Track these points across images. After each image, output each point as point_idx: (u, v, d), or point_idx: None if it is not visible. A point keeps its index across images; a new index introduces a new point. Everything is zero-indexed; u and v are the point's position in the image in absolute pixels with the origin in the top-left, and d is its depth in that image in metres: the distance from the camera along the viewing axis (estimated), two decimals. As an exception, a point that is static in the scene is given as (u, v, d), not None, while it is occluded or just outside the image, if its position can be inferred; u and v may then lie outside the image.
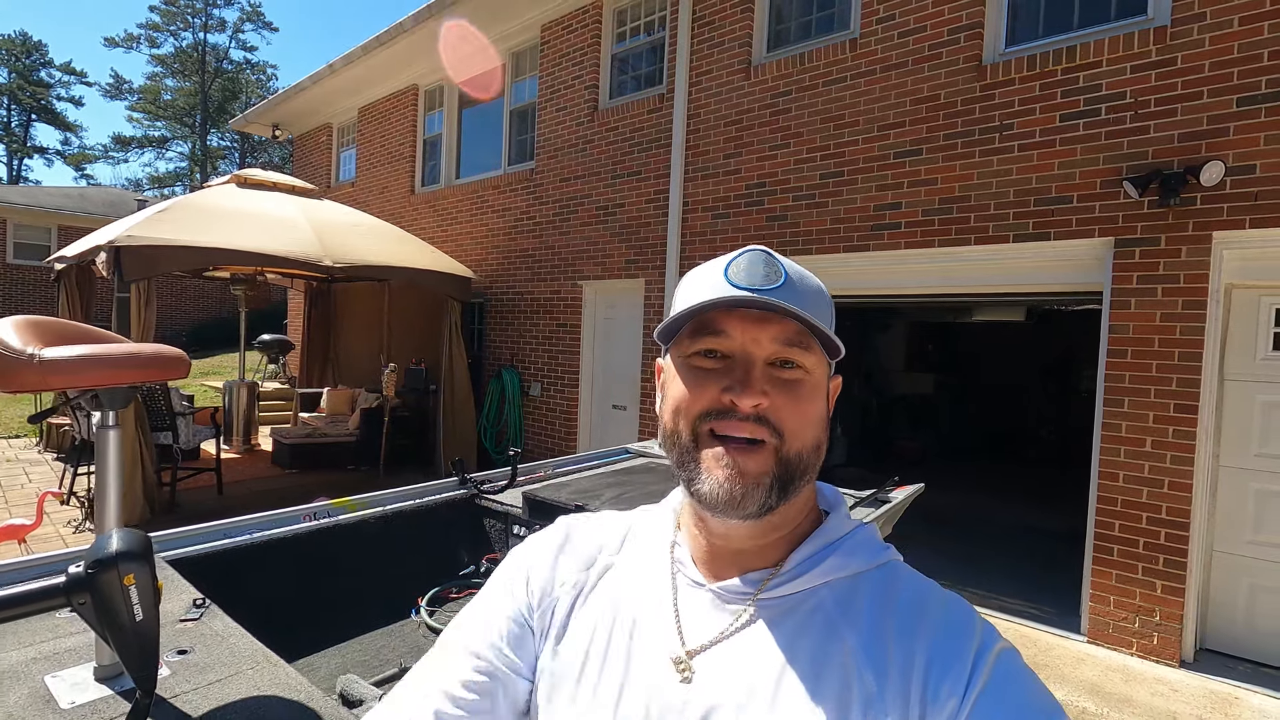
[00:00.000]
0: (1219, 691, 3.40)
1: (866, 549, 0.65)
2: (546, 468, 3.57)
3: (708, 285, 0.62)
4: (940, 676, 0.54)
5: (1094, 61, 3.92)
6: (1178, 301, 3.68)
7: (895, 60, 4.72)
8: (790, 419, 0.59)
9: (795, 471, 0.60)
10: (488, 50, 7.86)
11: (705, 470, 0.60)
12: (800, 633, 0.59)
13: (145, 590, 0.99)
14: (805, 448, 0.61)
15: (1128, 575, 3.81)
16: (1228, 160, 3.49)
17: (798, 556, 0.63)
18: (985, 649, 0.56)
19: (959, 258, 4.51)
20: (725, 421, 0.59)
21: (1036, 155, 4.12)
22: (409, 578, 2.74)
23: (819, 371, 0.63)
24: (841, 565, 0.63)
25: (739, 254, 0.63)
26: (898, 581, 0.63)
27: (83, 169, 36.97)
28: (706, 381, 0.61)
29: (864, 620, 0.59)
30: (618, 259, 6.56)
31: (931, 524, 5.90)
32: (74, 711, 1.30)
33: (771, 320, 0.60)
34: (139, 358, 1.35)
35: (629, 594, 0.67)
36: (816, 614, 0.60)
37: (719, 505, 0.59)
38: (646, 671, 0.61)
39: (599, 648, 0.65)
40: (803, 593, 0.62)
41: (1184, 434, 3.66)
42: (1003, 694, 0.53)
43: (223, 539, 2.33)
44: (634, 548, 0.72)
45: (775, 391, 0.59)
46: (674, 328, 0.64)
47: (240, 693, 1.39)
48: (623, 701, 0.60)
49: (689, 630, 0.62)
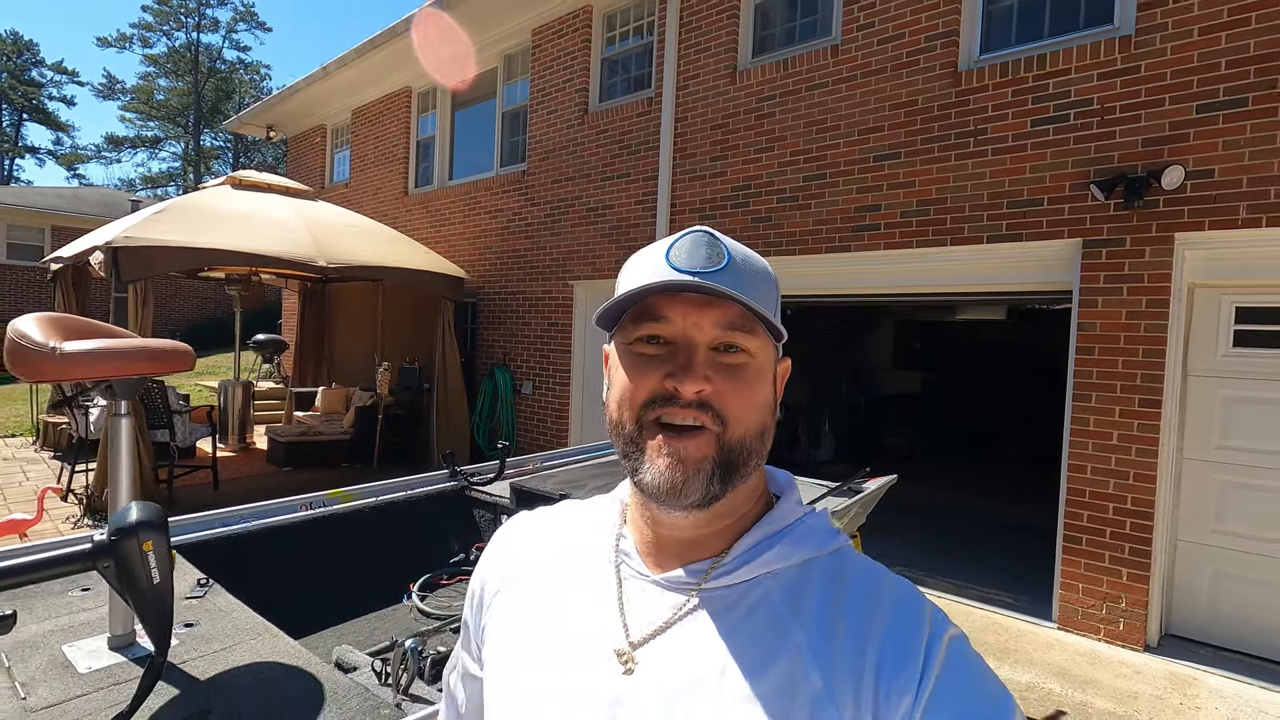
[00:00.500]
0: (1179, 674, 3.55)
1: (815, 536, 0.63)
2: (535, 461, 3.69)
3: (649, 269, 0.61)
4: (893, 674, 0.53)
5: (1063, 69, 4.06)
6: (1142, 300, 3.83)
7: (875, 66, 4.86)
8: (733, 405, 0.58)
9: (738, 458, 0.59)
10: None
11: (648, 460, 0.59)
12: (744, 623, 0.58)
13: (161, 556, 1.12)
14: (749, 433, 0.59)
15: (1096, 564, 3.96)
16: (1188, 165, 3.64)
17: (741, 545, 0.62)
18: (935, 639, 0.55)
19: (936, 258, 4.65)
20: (668, 408, 0.58)
21: (1009, 159, 4.27)
22: (401, 565, 2.86)
23: (764, 355, 0.61)
24: (788, 554, 0.61)
25: (681, 235, 0.61)
26: (846, 571, 0.61)
27: (75, 169, 36.92)
28: (648, 369, 0.60)
29: (812, 614, 0.58)
30: (608, 259, 6.69)
31: (914, 518, 6.05)
32: (91, 676, 1.42)
33: (713, 304, 0.59)
34: (149, 351, 1.47)
35: (572, 587, 0.67)
36: (762, 605, 0.59)
37: (662, 495, 0.58)
38: (589, 664, 0.60)
39: (538, 642, 0.64)
40: (747, 583, 0.61)
41: (1148, 428, 3.81)
42: (954, 687, 0.53)
43: (222, 526, 2.44)
44: (579, 540, 0.71)
45: (718, 377, 0.58)
46: (616, 313, 0.63)
47: (244, 660, 1.52)
48: (565, 695, 0.60)
49: (632, 622, 0.61)
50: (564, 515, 0.76)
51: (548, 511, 0.77)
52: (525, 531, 0.75)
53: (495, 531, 0.78)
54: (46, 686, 1.36)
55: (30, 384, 4.74)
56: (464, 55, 8.11)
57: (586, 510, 0.75)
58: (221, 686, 1.39)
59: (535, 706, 0.61)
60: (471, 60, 8.15)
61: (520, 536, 0.75)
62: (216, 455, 6.35)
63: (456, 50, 8.06)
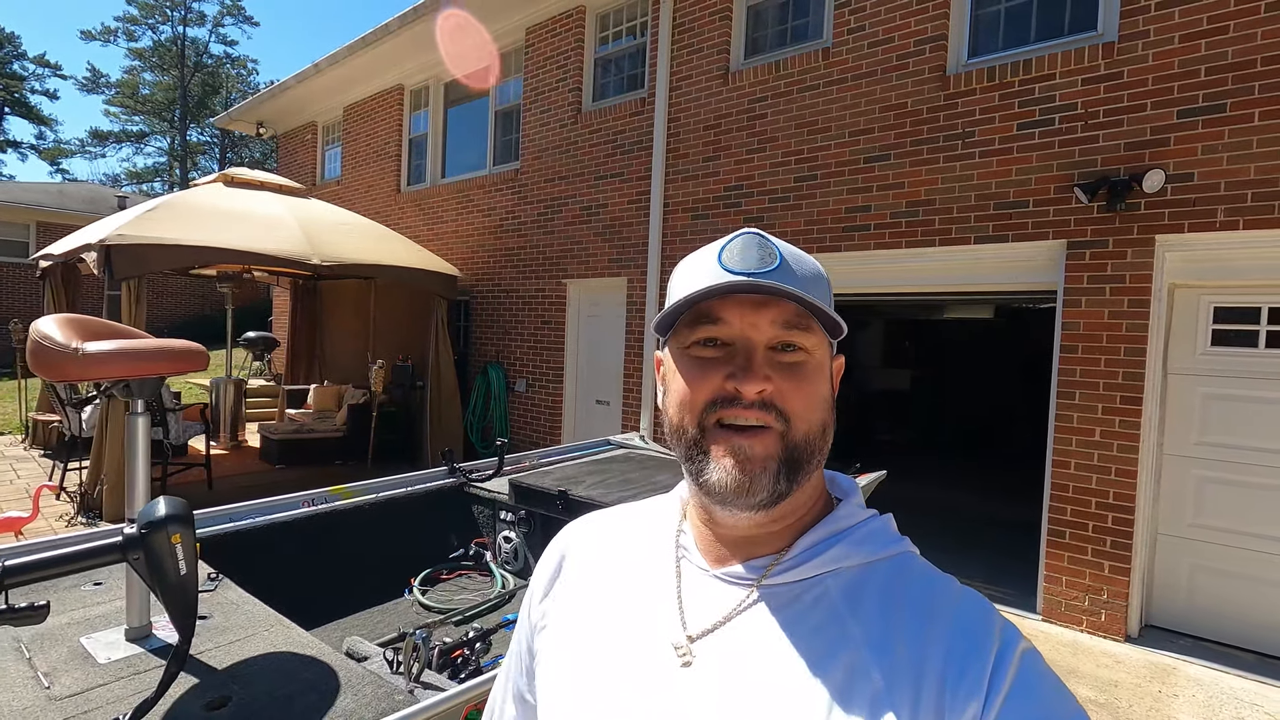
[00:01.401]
0: (1159, 663, 3.66)
1: (877, 539, 0.63)
2: (531, 458, 3.75)
3: (703, 272, 0.61)
4: (958, 679, 0.52)
5: (1048, 74, 4.16)
6: (1124, 300, 3.93)
7: (866, 69, 4.94)
8: (795, 402, 0.58)
9: (803, 456, 0.59)
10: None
11: (713, 461, 0.59)
12: (803, 620, 0.58)
13: (188, 548, 1.17)
14: (812, 430, 0.59)
15: (1078, 557, 4.06)
16: (1169, 169, 3.74)
17: (804, 542, 0.61)
18: (1007, 650, 0.53)
19: (925, 258, 4.74)
20: (730, 409, 0.58)
21: (996, 161, 4.36)
22: (402, 560, 2.91)
23: (820, 352, 0.61)
24: (849, 554, 0.61)
25: (732, 237, 0.62)
26: (910, 574, 0.61)
27: (59, 164, 36.41)
28: (708, 371, 0.60)
29: (872, 613, 0.57)
30: (601, 258, 6.74)
31: (902, 512, 6.13)
32: (110, 666, 1.47)
33: (769, 304, 0.59)
34: (167, 351, 1.52)
35: (631, 583, 0.67)
36: (821, 602, 0.59)
37: (728, 496, 0.58)
38: (648, 656, 0.61)
39: (597, 639, 0.65)
40: (808, 580, 0.60)
41: (1130, 424, 3.91)
42: (1028, 701, 0.51)
43: (228, 522, 2.48)
44: (638, 538, 0.71)
45: (778, 376, 0.58)
46: (671, 318, 0.63)
47: (258, 650, 1.57)
48: (623, 688, 0.60)
49: (691, 616, 0.61)
50: (622, 516, 0.76)
51: (604, 513, 0.77)
52: (581, 539, 0.75)
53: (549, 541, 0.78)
54: (69, 676, 1.41)
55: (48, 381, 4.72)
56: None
57: (645, 509, 0.75)
58: (239, 675, 1.44)
59: (593, 700, 0.61)
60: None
61: (577, 545, 0.74)
62: (210, 453, 6.35)
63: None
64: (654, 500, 0.76)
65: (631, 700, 0.59)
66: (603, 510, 0.78)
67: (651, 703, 0.58)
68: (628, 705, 0.59)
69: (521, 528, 2.97)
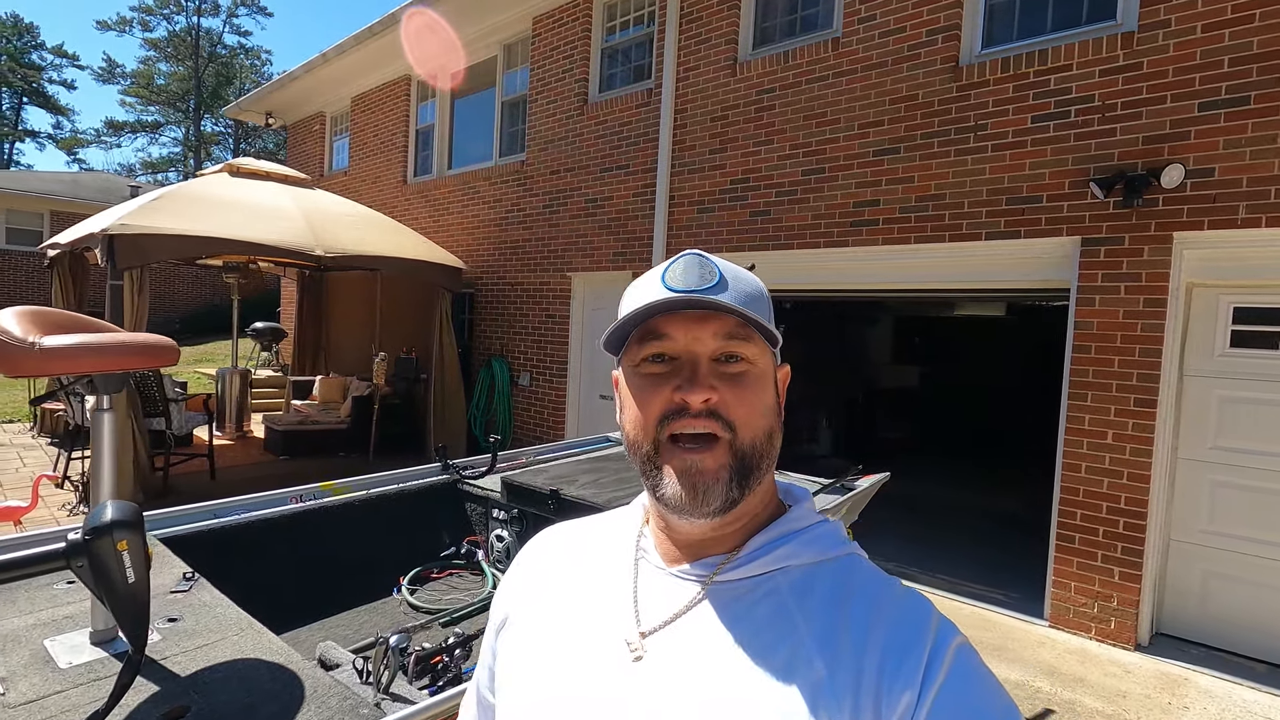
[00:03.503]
0: (1170, 673, 3.56)
1: (826, 541, 0.66)
2: (528, 454, 3.69)
3: (648, 292, 0.64)
4: (895, 671, 0.54)
5: (1065, 65, 4.03)
6: (1139, 299, 3.81)
7: (876, 60, 4.82)
8: (740, 410, 0.61)
9: (752, 462, 0.62)
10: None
11: (666, 476, 0.61)
12: (752, 614, 0.60)
13: (137, 555, 1.11)
14: (758, 437, 0.62)
15: (1088, 562, 3.96)
16: (1188, 163, 3.61)
17: (755, 542, 0.64)
18: (942, 644, 0.56)
19: (934, 254, 4.63)
20: (680, 420, 0.61)
21: (1009, 155, 4.24)
22: (392, 558, 2.87)
23: (763, 361, 0.64)
24: (798, 553, 0.64)
25: (675, 259, 0.65)
26: (855, 574, 0.63)
27: (75, 153, 36.77)
28: (658, 386, 0.63)
29: (817, 608, 0.60)
30: (605, 252, 6.66)
31: (907, 513, 6.05)
32: (71, 671, 1.42)
33: (711, 318, 0.62)
34: (131, 346, 1.46)
35: (593, 586, 0.70)
36: (770, 598, 0.61)
37: (684, 507, 0.61)
38: (602, 652, 0.63)
39: (556, 639, 0.67)
40: (758, 577, 0.63)
41: (1143, 427, 3.80)
42: (960, 693, 0.53)
43: (212, 519, 2.44)
44: (602, 544, 0.74)
45: (723, 386, 0.61)
46: (620, 337, 0.67)
47: (225, 655, 1.51)
48: (577, 685, 0.62)
49: (645, 613, 0.64)
50: (588, 525, 0.79)
51: (576, 522, 0.81)
52: (548, 545, 0.78)
53: (521, 547, 0.81)
54: (26, 682, 1.36)
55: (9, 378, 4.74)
56: (452, 48, 8.04)
57: (611, 518, 0.78)
58: (201, 683, 1.39)
59: (548, 695, 0.63)
60: (460, 53, 8.07)
61: (543, 551, 0.78)
62: (213, 444, 6.35)
63: (445, 44, 8.00)
64: (620, 510, 0.79)
65: (584, 694, 0.61)
66: (572, 520, 0.81)
67: (603, 696, 0.60)
68: (581, 699, 0.61)
69: (514, 527, 2.91)
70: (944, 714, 0.52)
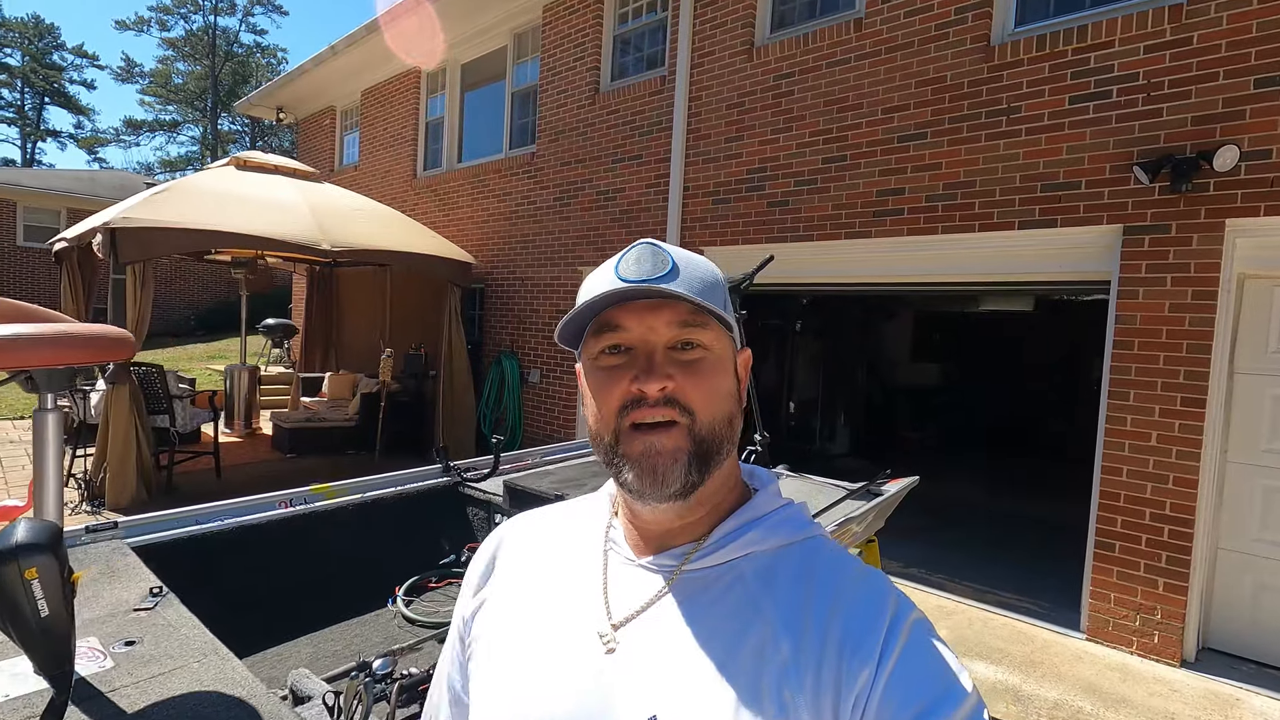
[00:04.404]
0: (1220, 692, 3.31)
1: (790, 524, 0.66)
2: (534, 455, 3.52)
3: (601, 283, 0.64)
4: (854, 649, 0.55)
5: (1106, 41, 3.77)
6: (1187, 291, 3.56)
7: (901, 40, 4.58)
8: (697, 396, 0.61)
9: (710, 447, 0.62)
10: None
11: (628, 461, 0.61)
12: (719, 602, 0.61)
13: (51, 585, 0.94)
14: (717, 421, 0.62)
15: (1129, 572, 3.72)
16: (1243, 145, 3.35)
17: (720, 530, 0.65)
18: (898, 621, 0.57)
19: (963, 245, 4.39)
20: (639, 410, 0.61)
21: (1044, 139, 3.99)
22: (388, 566, 2.70)
23: (719, 346, 0.64)
24: (762, 539, 0.64)
25: (628, 250, 0.65)
26: (818, 556, 0.64)
27: (95, 152, 37.20)
28: (616, 376, 0.62)
29: (782, 591, 0.60)
30: (617, 245, 6.47)
31: (933, 516, 5.82)
32: (6, 705, 1.26)
33: (664, 306, 0.62)
34: (74, 338, 1.29)
35: (562, 577, 0.69)
36: (736, 585, 0.62)
37: (645, 491, 0.61)
38: (575, 645, 0.63)
39: (527, 633, 0.67)
40: (724, 565, 0.63)
41: (1191, 428, 3.55)
42: (915, 666, 0.55)
43: (194, 525, 2.29)
44: (570, 534, 0.74)
45: (679, 373, 0.61)
46: (574, 329, 0.66)
47: (181, 688, 1.34)
48: (550, 678, 0.62)
49: (615, 604, 0.64)
50: (556, 513, 0.79)
51: (540, 511, 0.80)
52: (514, 535, 0.77)
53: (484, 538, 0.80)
54: (-50, 719, 1.20)
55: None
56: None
57: (578, 507, 0.78)
58: None
59: (522, 689, 0.63)
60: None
61: (509, 541, 0.77)
62: (219, 441, 6.25)
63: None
64: (586, 498, 0.79)
65: (558, 688, 0.61)
66: (539, 508, 0.80)
67: (577, 689, 0.60)
68: (555, 693, 0.61)
69: (517, 533, 2.74)
70: (897, 689, 0.53)
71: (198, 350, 15.28)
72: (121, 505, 5.22)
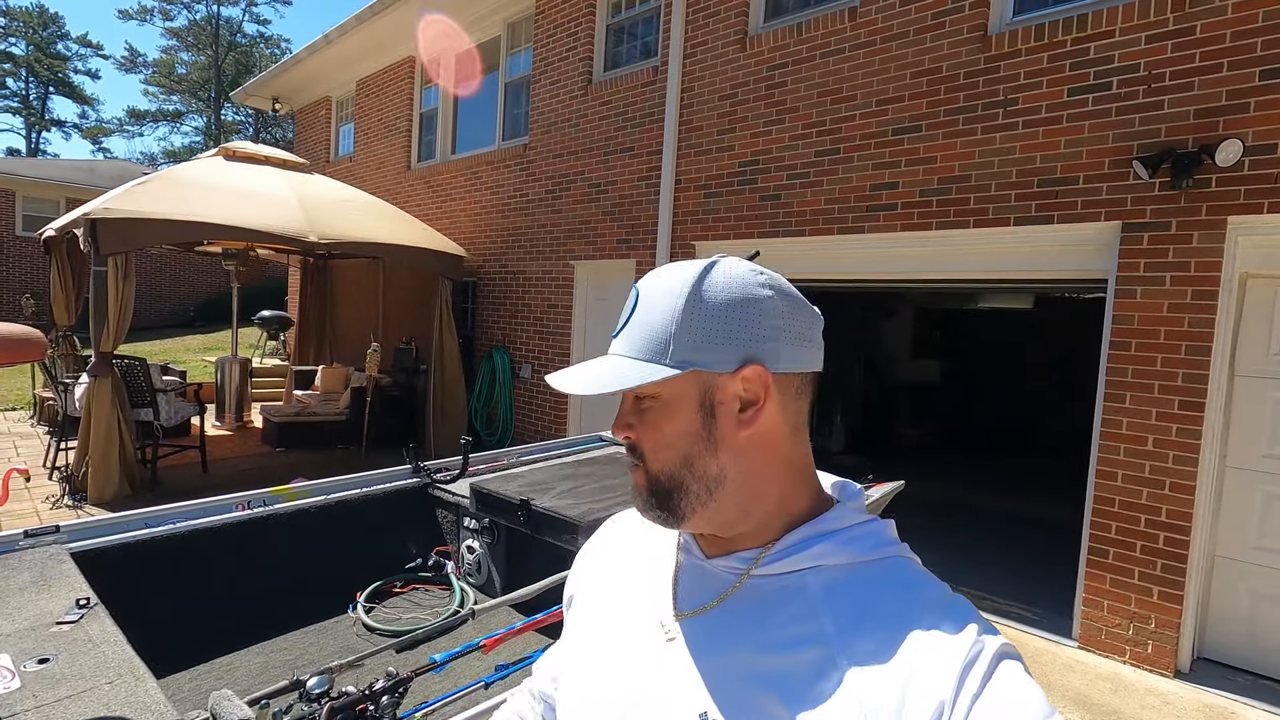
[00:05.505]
0: (1214, 705, 3.21)
1: (865, 541, 0.64)
2: (511, 455, 3.43)
3: None
4: (921, 689, 0.51)
5: (1106, 31, 3.64)
6: (1187, 291, 3.44)
7: (896, 30, 4.45)
8: (646, 444, 0.65)
9: (664, 487, 0.64)
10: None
11: None
12: (780, 610, 0.61)
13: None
14: (666, 465, 0.64)
15: (1123, 579, 3.62)
16: (1247, 139, 3.23)
17: (790, 538, 0.64)
18: (976, 660, 0.52)
19: (957, 241, 4.28)
20: None
21: (1042, 132, 3.86)
22: (352, 571, 2.62)
23: (670, 390, 0.63)
24: (834, 551, 0.63)
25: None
26: (894, 577, 0.61)
27: (99, 142, 37.16)
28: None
29: (847, 609, 0.59)
30: (609, 239, 6.37)
31: (929, 516, 5.72)
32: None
33: None
34: (-33, 341, 1.20)
35: (641, 569, 0.74)
36: (799, 596, 0.61)
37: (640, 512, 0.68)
38: (640, 632, 0.68)
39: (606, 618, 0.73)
40: (791, 574, 0.63)
41: (1188, 432, 3.44)
42: (985, 713, 0.50)
43: (142, 529, 2.21)
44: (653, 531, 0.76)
45: (638, 421, 0.65)
46: None
47: (88, 711, 1.26)
48: (616, 658, 0.68)
49: (682, 598, 0.68)
50: None
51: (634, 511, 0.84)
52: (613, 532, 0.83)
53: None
54: None
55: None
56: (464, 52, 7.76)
57: None
58: (41, 754, 1.14)
59: (591, 669, 0.70)
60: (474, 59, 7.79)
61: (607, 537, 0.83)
62: (205, 435, 6.19)
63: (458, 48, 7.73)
64: None
65: (620, 670, 0.67)
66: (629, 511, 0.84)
67: (636, 673, 0.65)
68: (617, 674, 0.67)
69: (485, 537, 2.65)
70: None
71: (194, 342, 15.25)
72: (104, 500, 5.16)
